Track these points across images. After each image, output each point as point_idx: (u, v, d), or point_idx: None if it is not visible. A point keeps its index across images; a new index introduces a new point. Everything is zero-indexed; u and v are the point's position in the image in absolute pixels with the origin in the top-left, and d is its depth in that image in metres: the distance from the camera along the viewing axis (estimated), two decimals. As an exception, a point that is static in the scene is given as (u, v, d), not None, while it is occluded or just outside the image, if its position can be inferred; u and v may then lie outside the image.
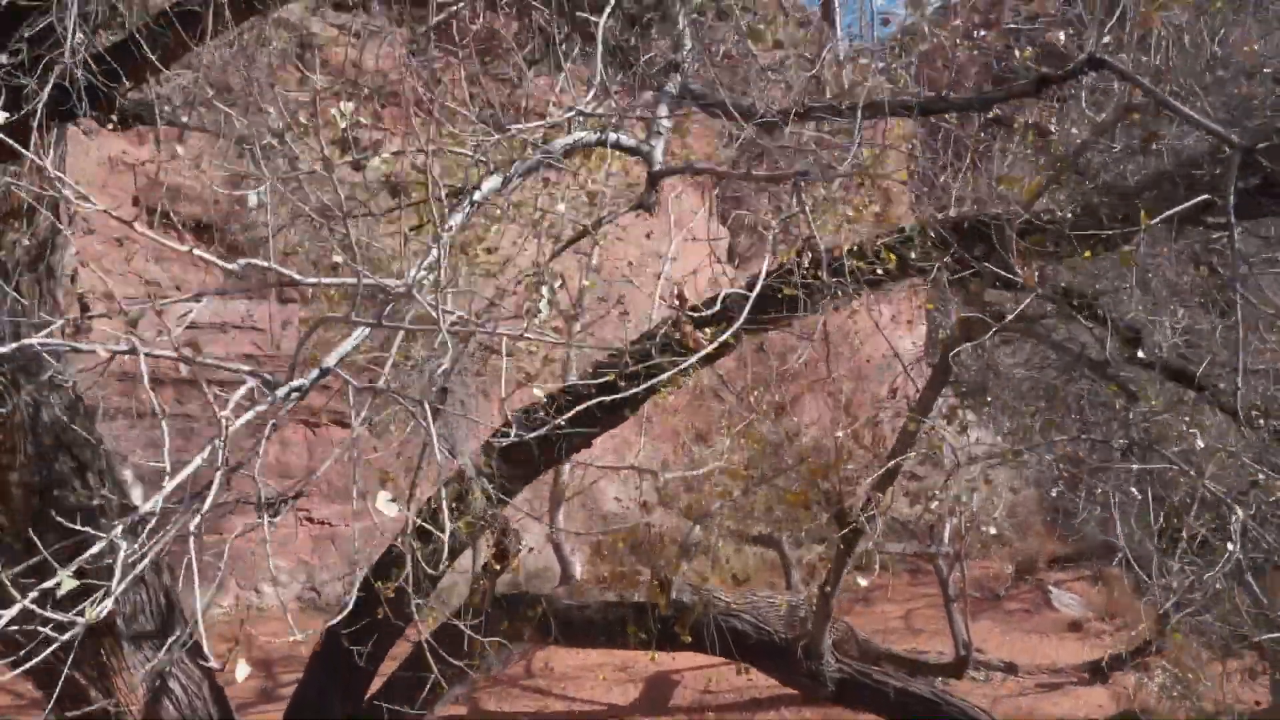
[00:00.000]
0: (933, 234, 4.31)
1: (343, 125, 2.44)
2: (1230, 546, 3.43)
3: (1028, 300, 3.88)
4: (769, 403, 9.31)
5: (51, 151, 5.24)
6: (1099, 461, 5.06)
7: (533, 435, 4.36)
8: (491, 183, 2.25)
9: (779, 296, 4.72)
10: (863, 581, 7.70)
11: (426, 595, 5.28)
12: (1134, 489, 5.37)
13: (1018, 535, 13.68)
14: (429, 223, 2.52)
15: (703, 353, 3.09)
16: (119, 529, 2.23)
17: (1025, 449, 5.67)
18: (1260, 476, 3.55)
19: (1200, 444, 3.73)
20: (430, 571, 5.05)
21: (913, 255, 4.62)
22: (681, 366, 3.18)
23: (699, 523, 6.32)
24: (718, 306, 4.43)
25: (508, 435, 5.46)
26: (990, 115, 5.45)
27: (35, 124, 3.40)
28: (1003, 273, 3.70)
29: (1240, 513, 3.44)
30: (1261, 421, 4.71)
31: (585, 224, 2.71)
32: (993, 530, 9.26)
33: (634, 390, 5.35)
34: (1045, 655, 10.36)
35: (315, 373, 2.10)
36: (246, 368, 2.40)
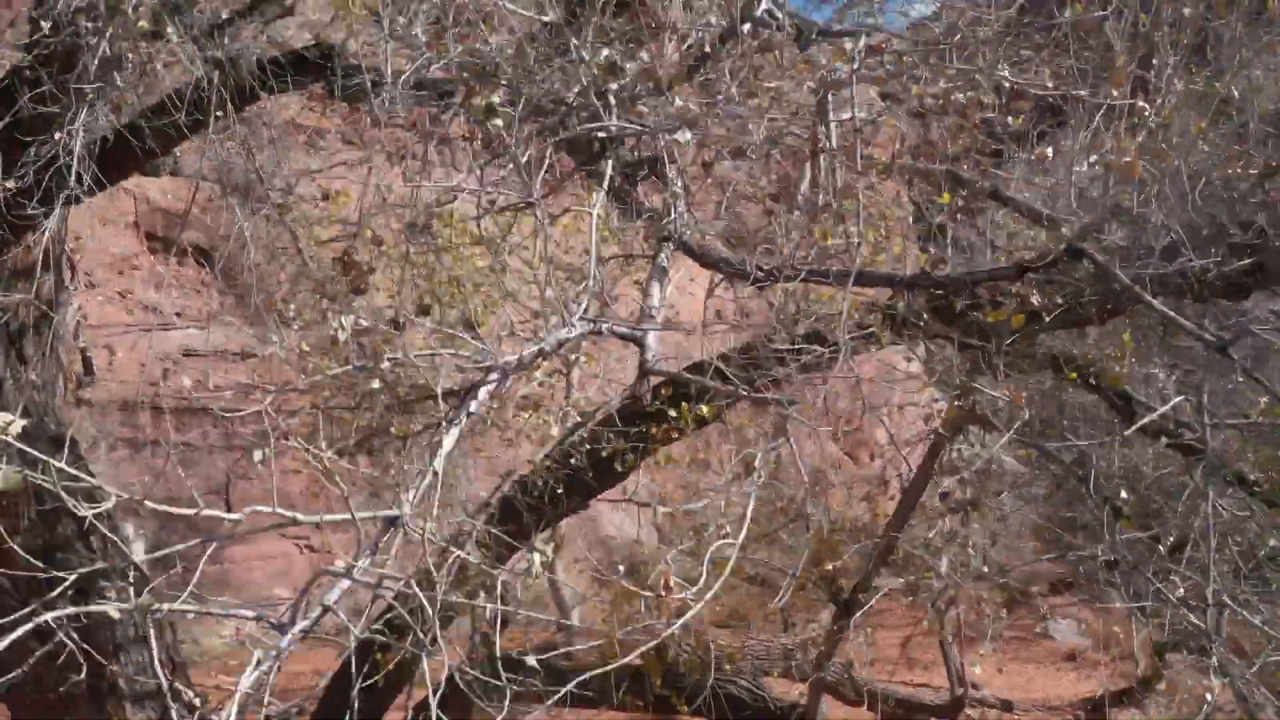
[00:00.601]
0: (924, 315, 4.37)
1: (343, 338, 2.50)
2: (1209, 697, 3.50)
3: (1016, 427, 3.94)
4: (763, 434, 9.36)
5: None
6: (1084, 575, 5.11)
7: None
8: (486, 390, 2.32)
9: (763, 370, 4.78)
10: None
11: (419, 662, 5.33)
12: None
13: (1013, 556, 13.69)
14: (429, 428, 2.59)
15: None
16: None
17: (1013, 568, 5.72)
18: (1231, 612, 3.61)
19: (1180, 590, 3.79)
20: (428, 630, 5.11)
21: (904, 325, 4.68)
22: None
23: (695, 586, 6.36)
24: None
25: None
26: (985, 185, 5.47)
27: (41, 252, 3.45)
28: (991, 393, 3.78)
29: (1215, 665, 3.51)
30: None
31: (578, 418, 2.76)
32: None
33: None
34: (1042, 687, 10.42)
35: (317, 611, 2.15)
36: (251, 612, 2.44)
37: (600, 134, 2.75)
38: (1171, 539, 3.92)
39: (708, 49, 3.01)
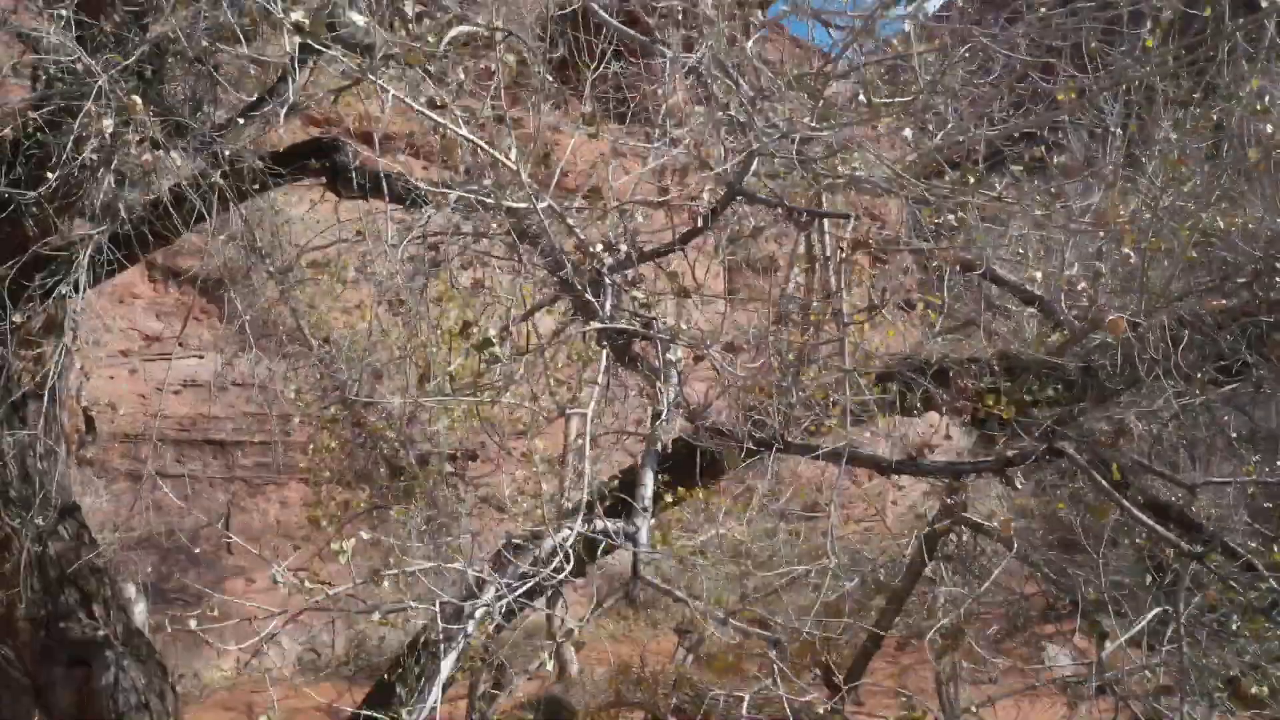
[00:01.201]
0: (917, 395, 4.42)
1: (344, 560, 2.55)
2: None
3: (1004, 563, 4.00)
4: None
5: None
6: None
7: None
8: (484, 609, 2.37)
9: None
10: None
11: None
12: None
13: (1012, 585, 13.69)
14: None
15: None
16: None
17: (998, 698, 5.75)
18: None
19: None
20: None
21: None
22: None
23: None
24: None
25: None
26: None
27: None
28: (980, 521, 3.83)
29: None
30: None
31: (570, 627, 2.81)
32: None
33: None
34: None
35: None
36: None
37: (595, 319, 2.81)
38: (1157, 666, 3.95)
39: (700, 222, 3.06)
